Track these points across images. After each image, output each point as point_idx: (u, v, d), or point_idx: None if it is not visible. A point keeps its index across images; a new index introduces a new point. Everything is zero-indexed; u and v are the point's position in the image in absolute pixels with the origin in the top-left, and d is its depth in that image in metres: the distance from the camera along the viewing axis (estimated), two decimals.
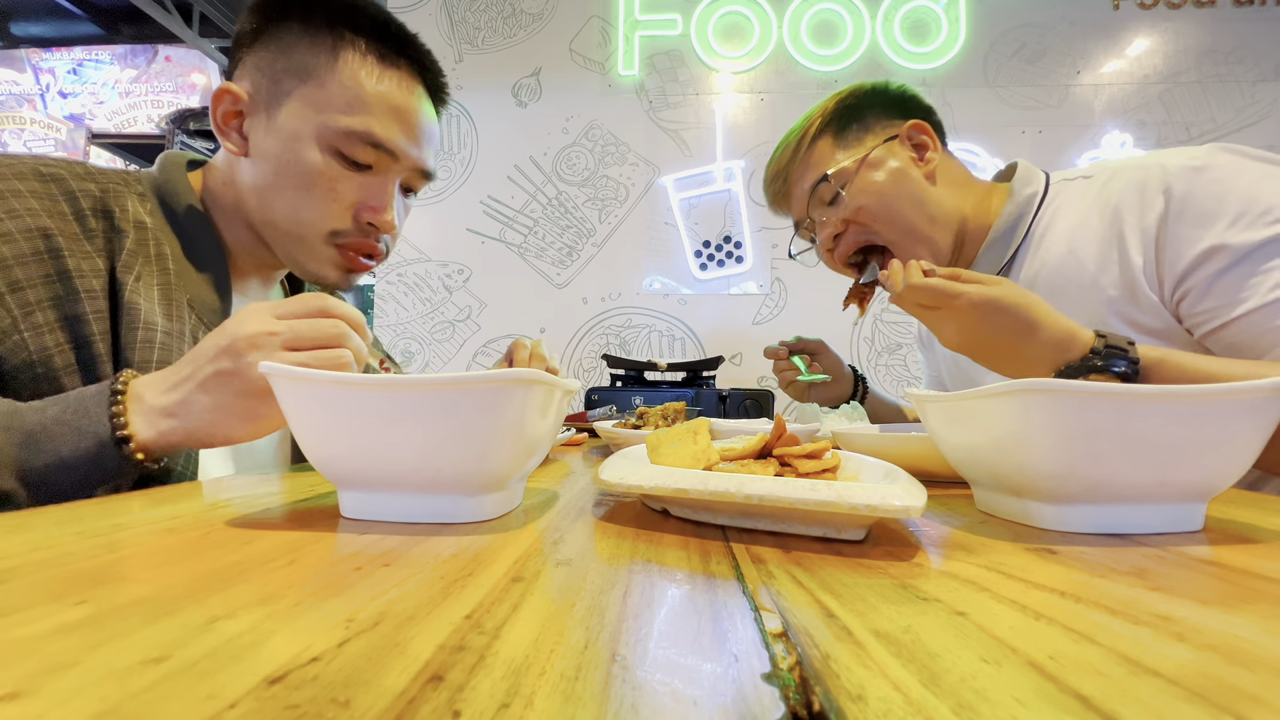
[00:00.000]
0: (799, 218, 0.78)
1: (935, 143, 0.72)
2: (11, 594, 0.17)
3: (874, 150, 0.71)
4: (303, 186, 0.53)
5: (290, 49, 0.53)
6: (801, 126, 0.75)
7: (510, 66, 2.22)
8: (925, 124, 0.72)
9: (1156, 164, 0.60)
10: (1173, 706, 0.12)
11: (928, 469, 0.45)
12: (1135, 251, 0.59)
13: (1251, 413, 0.27)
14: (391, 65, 0.55)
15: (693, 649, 0.15)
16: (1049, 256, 0.66)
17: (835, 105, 0.74)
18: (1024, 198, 0.70)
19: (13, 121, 2.89)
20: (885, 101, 0.74)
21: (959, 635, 0.16)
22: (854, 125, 0.73)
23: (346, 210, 0.55)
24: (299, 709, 0.11)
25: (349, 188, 0.54)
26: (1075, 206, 0.67)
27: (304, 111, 0.53)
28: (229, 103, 0.54)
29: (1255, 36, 2.03)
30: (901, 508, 0.23)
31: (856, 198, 0.70)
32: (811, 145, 0.74)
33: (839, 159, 0.72)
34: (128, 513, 0.30)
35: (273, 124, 0.53)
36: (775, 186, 0.79)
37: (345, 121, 0.53)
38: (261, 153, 0.54)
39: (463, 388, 0.27)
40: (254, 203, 0.55)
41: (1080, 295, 0.63)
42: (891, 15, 2.13)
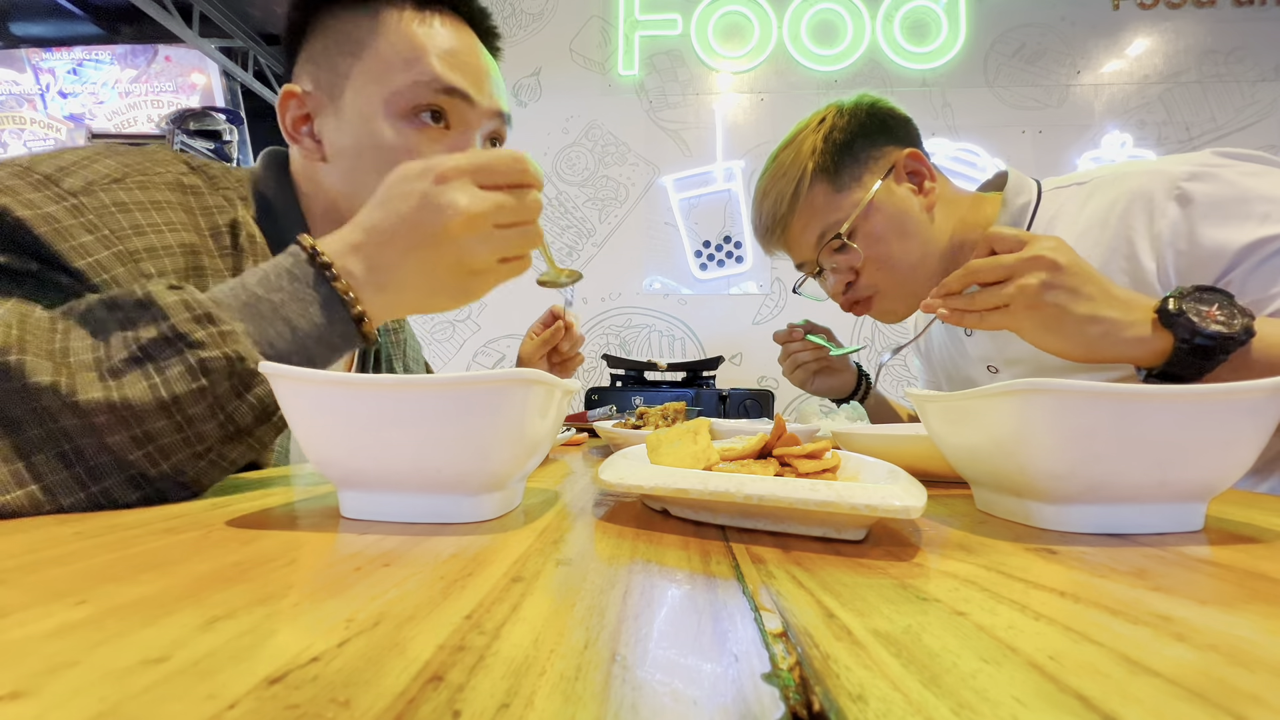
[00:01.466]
0: (804, 261, 0.77)
1: (930, 169, 0.72)
2: (11, 594, 0.17)
3: (877, 193, 0.69)
4: (389, 165, 0.49)
5: (335, 32, 0.52)
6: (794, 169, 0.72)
7: (510, 66, 2.22)
8: (919, 153, 0.71)
9: (1160, 171, 0.60)
10: (1173, 706, 0.12)
11: (928, 469, 0.45)
12: (1146, 258, 0.58)
13: (1251, 413, 0.27)
14: (434, 12, 0.53)
15: (693, 649, 0.15)
16: None
17: (824, 145, 0.71)
18: (1017, 207, 0.70)
19: (13, 121, 2.89)
20: (869, 129, 0.72)
21: (959, 635, 0.16)
22: (847, 162, 0.71)
23: None
24: (299, 709, 0.11)
25: (434, 152, 0.51)
26: (1072, 214, 0.66)
27: (366, 87, 0.51)
28: (295, 106, 0.53)
29: (1255, 36, 2.03)
30: (901, 508, 0.23)
31: (867, 246, 0.70)
32: (810, 192, 0.72)
33: (841, 205, 0.70)
34: (127, 513, 0.30)
35: (341, 115, 0.51)
36: (774, 236, 0.77)
37: (406, 76, 0.50)
38: (339, 150, 0.52)
39: (463, 388, 0.27)
40: (346, 199, 0.52)
41: None
42: (891, 15, 2.13)
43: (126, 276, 0.39)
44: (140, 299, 0.32)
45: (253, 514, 0.30)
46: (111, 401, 0.29)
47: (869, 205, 0.69)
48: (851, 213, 0.69)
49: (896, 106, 0.74)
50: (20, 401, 0.28)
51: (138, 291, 0.32)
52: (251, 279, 0.36)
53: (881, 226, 0.69)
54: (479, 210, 0.38)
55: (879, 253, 0.70)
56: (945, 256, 0.71)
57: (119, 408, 0.29)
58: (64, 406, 0.29)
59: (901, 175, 0.71)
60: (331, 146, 0.52)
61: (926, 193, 0.71)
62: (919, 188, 0.71)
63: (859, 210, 0.69)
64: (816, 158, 0.71)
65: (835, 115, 0.72)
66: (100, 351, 0.31)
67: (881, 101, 0.73)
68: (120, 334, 0.31)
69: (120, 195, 0.41)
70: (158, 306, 0.32)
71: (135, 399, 0.30)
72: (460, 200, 0.37)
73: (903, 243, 0.70)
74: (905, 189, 0.70)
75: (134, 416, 0.30)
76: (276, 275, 0.37)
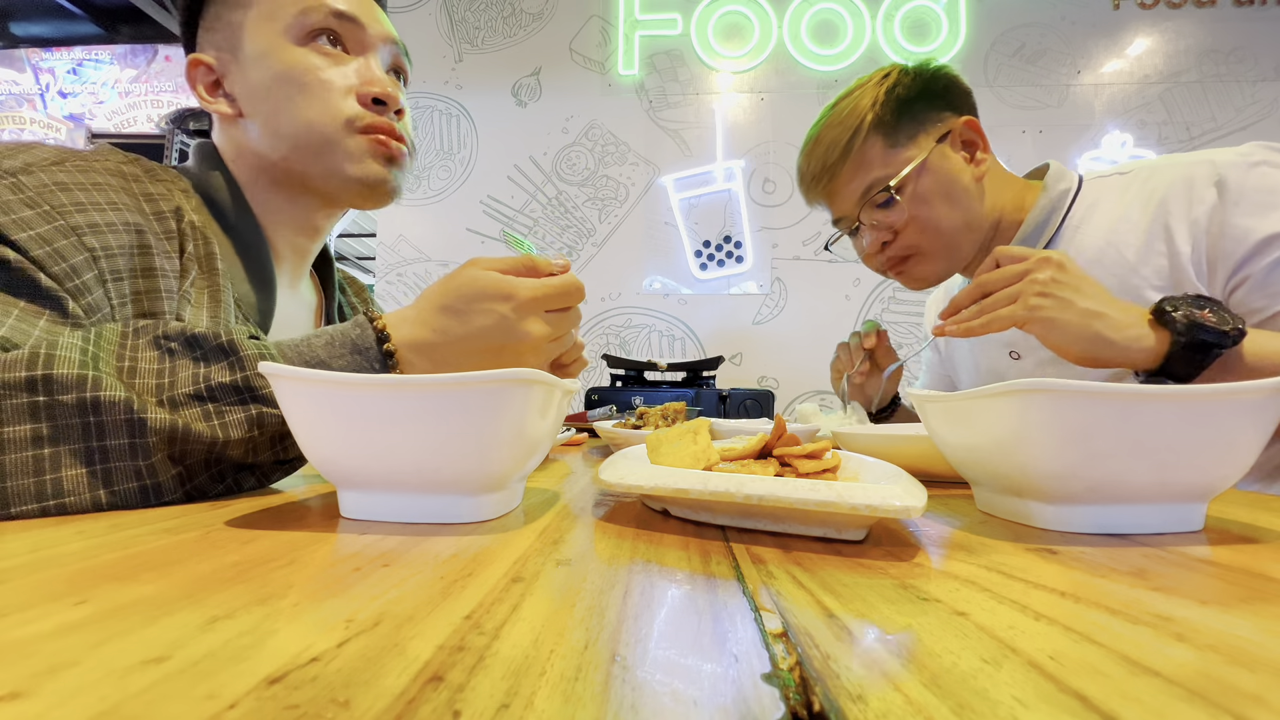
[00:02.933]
0: (843, 215, 0.76)
1: (984, 141, 0.71)
2: (11, 594, 0.17)
3: (931, 153, 0.69)
4: (297, 88, 0.52)
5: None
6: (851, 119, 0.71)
7: (510, 66, 2.22)
8: (976, 121, 0.71)
9: (1204, 160, 0.61)
10: (1173, 706, 0.12)
11: (928, 469, 0.45)
12: (1183, 241, 0.59)
13: (1251, 413, 0.27)
14: None
15: (693, 649, 0.15)
16: (1084, 248, 0.67)
17: (885, 98, 0.70)
18: (1057, 193, 0.70)
19: (13, 121, 2.89)
20: (933, 92, 0.70)
21: (959, 635, 0.16)
22: (905, 121, 0.69)
23: (347, 95, 0.54)
24: (299, 709, 0.11)
25: (336, 74, 0.53)
26: (1113, 201, 0.67)
27: (260, 28, 0.53)
28: (204, 74, 0.54)
29: (1255, 36, 2.03)
30: (901, 508, 0.23)
31: (912, 205, 0.69)
32: (864, 144, 0.70)
33: (893, 161, 0.70)
34: (128, 513, 0.30)
35: (244, 63, 0.53)
36: (820, 184, 0.75)
37: (296, 7, 0.53)
38: (251, 95, 0.53)
39: (463, 388, 0.27)
40: (270, 144, 0.54)
41: (1118, 286, 0.63)
42: (892, 15, 2.13)
43: (70, 249, 0.40)
44: (223, 343, 0.35)
45: (253, 514, 0.30)
46: (176, 427, 0.32)
47: (921, 165, 0.68)
48: (902, 170, 0.68)
49: (960, 76, 0.73)
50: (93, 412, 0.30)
51: (221, 335, 0.35)
52: (318, 341, 0.39)
53: (930, 188, 0.69)
54: (549, 335, 0.43)
55: (923, 214, 0.69)
56: (985, 229, 0.71)
57: (178, 435, 0.32)
58: (129, 422, 0.31)
59: (956, 142, 0.70)
60: (244, 97, 0.53)
61: (977, 163, 0.70)
62: (971, 157, 0.71)
63: (910, 168, 0.68)
64: (876, 110, 0.70)
65: (900, 73, 0.71)
66: (164, 379, 0.33)
67: (946, 67, 0.73)
68: (192, 369, 0.34)
69: (60, 176, 0.42)
70: (239, 355, 0.34)
71: (194, 432, 0.32)
72: (536, 331, 0.42)
73: (949, 207, 0.69)
74: (958, 156, 0.70)
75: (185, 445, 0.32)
76: (342, 343, 0.39)
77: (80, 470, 0.30)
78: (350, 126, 0.53)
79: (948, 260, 0.73)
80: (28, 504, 0.29)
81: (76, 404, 0.30)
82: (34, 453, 0.29)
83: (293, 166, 0.54)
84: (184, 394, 0.33)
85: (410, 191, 2.19)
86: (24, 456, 0.29)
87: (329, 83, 0.53)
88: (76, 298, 0.39)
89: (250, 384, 0.34)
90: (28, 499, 0.29)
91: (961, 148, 0.71)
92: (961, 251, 0.72)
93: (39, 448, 0.30)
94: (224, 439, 0.33)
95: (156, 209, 0.48)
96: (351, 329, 0.40)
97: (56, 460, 0.30)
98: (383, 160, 0.55)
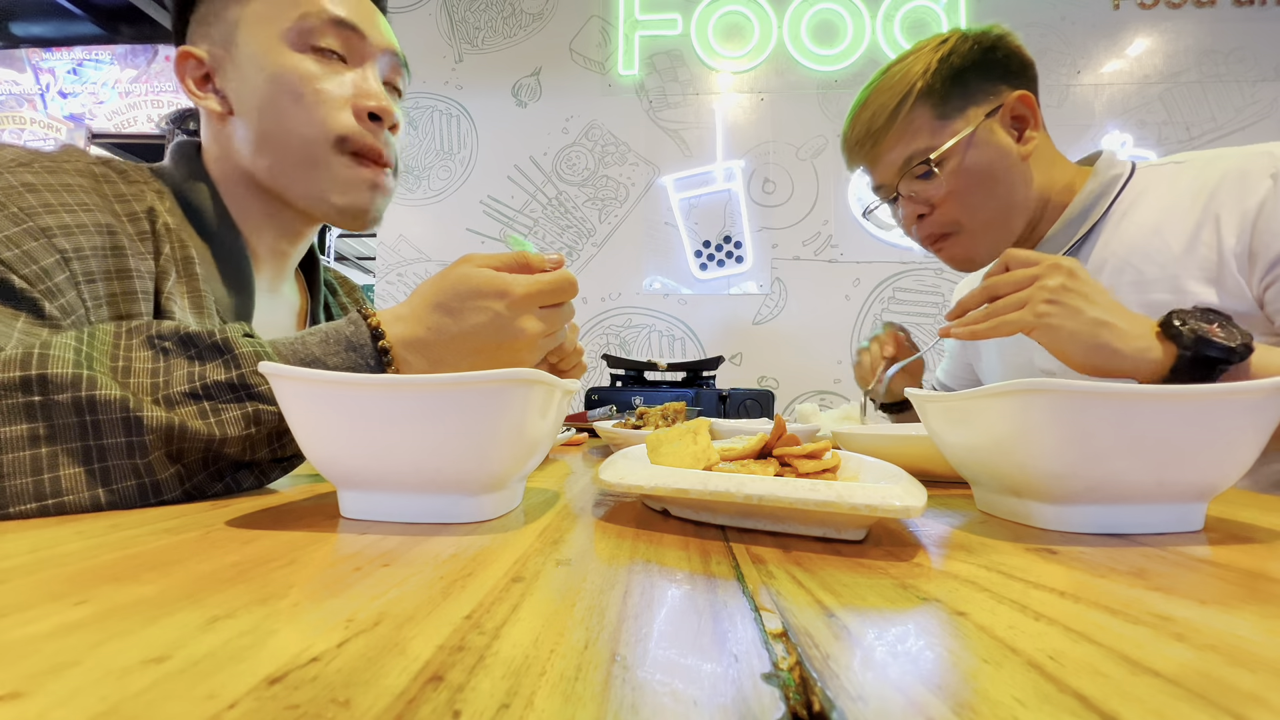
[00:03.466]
0: (883, 184, 0.74)
1: (1037, 118, 0.68)
2: (11, 594, 0.17)
3: (978, 128, 0.66)
4: (291, 97, 0.50)
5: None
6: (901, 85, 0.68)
7: (510, 66, 2.22)
8: (1031, 97, 0.67)
9: (1264, 152, 0.60)
10: (1173, 706, 0.12)
11: (928, 469, 0.45)
12: (1230, 233, 0.58)
13: (1251, 413, 0.27)
14: None
15: (693, 649, 0.15)
16: (1129, 235, 0.65)
17: (938, 66, 0.67)
18: (1108, 178, 0.68)
19: (13, 121, 2.89)
20: (990, 63, 0.67)
21: (959, 635, 0.16)
22: (956, 91, 0.67)
23: (343, 108, 0.52)
24: (299, 709, 0.11)
25: (333, 85, 0.52)
26: (1163, 189, 0.65)
27: (258, 28, 0.51)
28: (194, 67, 0.52)
29: (1255, 36, 2.03)
30: (901, 508, 0.23)
31: (952, 181, 0.67)
32: (911, 112, 0.68)
33: (939, 132, 0.67)
34: (128, 513, 0.30)
35: (238, 62, 0.51)
36: (863, 150, 0.73)
37: (295, 10, 0.51)
38: (243, 98, 0.52)
39: (463, 388, 0.27)
40: (256, 151, 0.52)
41: (1160, 275, 0.62)
42: (892, 15, 2.13)
43: (40, 251, 0.39)
44: (217, 341, 0.35)
45: (253, 514, 0.30)
46: (173, 425, 0.32)
47: (965, 140, 0.66)
48: (946, 142, 0.67)
49: (1023, 46, 0.70)
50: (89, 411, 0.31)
51: (215, 333, 0.35)
52: (313, 339, 0.39)
53: (972, 164, 0.67)
54: (544, 332, 0.43)
55: (961, 189, 0.68)
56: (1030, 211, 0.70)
57: (175, 433, 0.32)
58: (125, 421, 0.31)
59: (1006, 117, 0.67)
60: (236, 96, 0.52)
61: (1025, 141, 0.68)
62: (1020, 135, 0.68)
63: (953, 142, 0.66)
64: (927, 78, 0.67)
65: (958, 40, 0.68)
66: (159, 378, 0.33)
67: (1010, 37, 0.69)
68: (187, 368, 0.34)
69: (27, 177, 0.41)
70: (233, 354, 0.35)
71: (191, 429, 0.32)
72: (531, 327, 0.42)
73: (989, 186, 0.67)
74: (1006, 133, 0.67)
75: (182, 442, 0.32)
76: (336, 340, 0.39)
77: (78, 469, 0.30)
78: (341, 146, 0.52)
79: (989, 241, 0.70)
80: (26, 503, 0.29)
81: (72, 403, 0.30)
82: (31, 452, 0.29)
83: (276, 179, 0.53)
84: (179, 392, 0.33)
85: (410, 191, 2.19)
86: (21, 456, 0.29)
87: (324, 93, 0.51)
88: (50, 299, 0.39)
89: (246, 381, 0.34)
90: (26, 498, 0.29)
91: (1011, 124, 0.68)
92: (1004, 233, 0.70)
93: (36, 447, 0.30)
94: (220, 436, 0.33)
95: (129, 210, 0.47)
96: (345, 326, 0.40)
97: (54, 459, 0.30)
98: (368, 189, 0.54)
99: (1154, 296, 0.62)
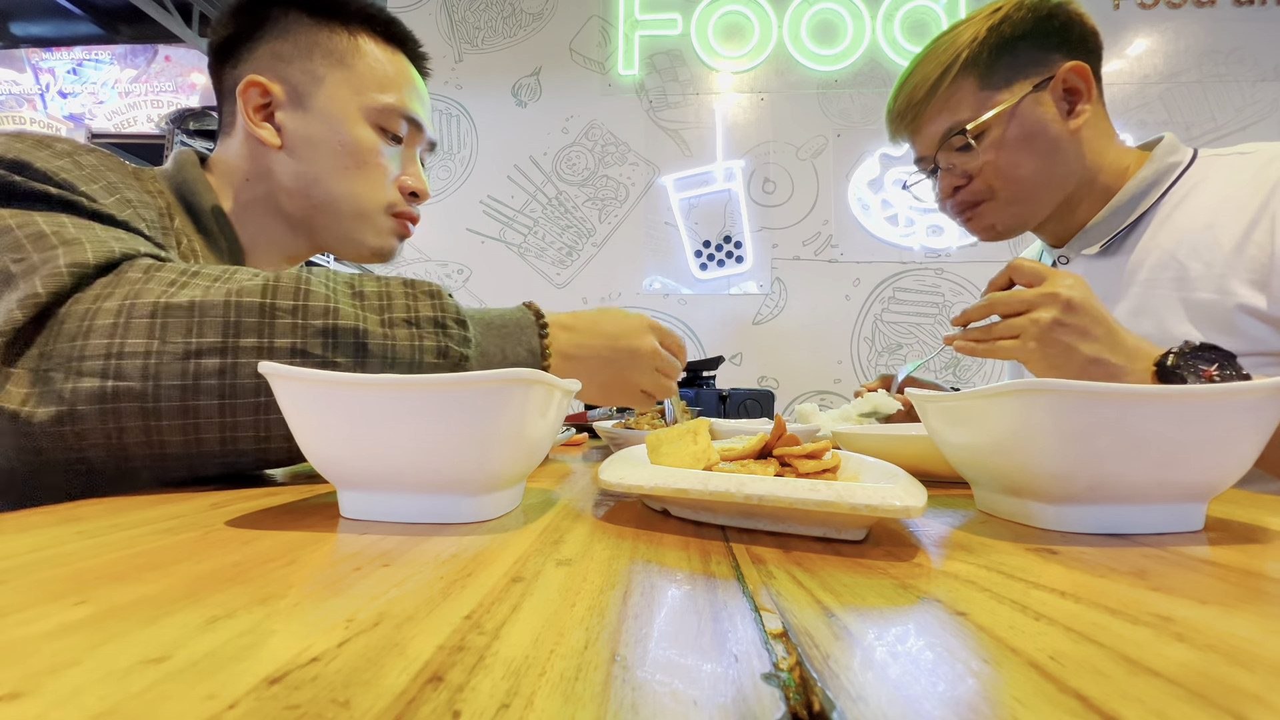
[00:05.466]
0: (923, 155, 0.71)
1: (1090, 91, 0.64)
2: (11, 594, 0.17)
3: (1022, 101, 0.63)
4: (357, 164, 0.57)
5: (308, 40, 0.57)
6: (946, 55, 0.65)
7: (510, 66, 2.22)
8: (1086, 67, 0.63)
9: None
10: (1173, 706, 0.12)
11: (928, 469, 0.45)
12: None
13: (1251, 413, 0.27)
14: (396, 48, 0.62)
15: (693, 649, 0.15)
16: (1179, 227, 0.63)
17: (987, 35, 0.64)
18: (1165, 165, 0.65)
19: (13, 121, 2.89)
20: (1045, 31, 0.63)
21: (959, 635, 0.16)
22: (1004, 61, 0.63)
23: (393, 184, 0.61)
24: (299, 709, 0.11)
25: (390, 162, 0.60)
26: (1221, 180, 0.62)
27: (343, 94, 0.57)
28: (258, 95, 0.56)
29: (1255, 36, 2.03)
30: (901, 508, 0.23)
31: (989, 153, 0.65)
32: (955, 83, 0.65)
33: (982, 104, 0.64)
34: (128, 512, 0.30)
35: (312, 112, 0.56)
36: (905, 121, 0.70)
37: (384, 99, 0.58)
38: (303, 141, 0.56)
39: (463, 388, 0.27)
40: (300, 187, 0.57)
41: (1205, 273, 0.59)
42: (891, 15, 2.13)
43: (133, 217, 0.43)
44: (432, 289, 0.42)
45: (253, 514, 0.30)
46: (388, 344, 0.38)
47: (1008, 112, 0.63)
48: (986, 115, 0.64)
49: (1086, 15, 0.65)
50: (337, 331, 0.37)
51: (432, 284, 0.43)
52: (492, 313, 0.46)
53: (1014, 136, 0.64)
54: (656, 351, 0.55)
55: (1000, 161, 0.65)
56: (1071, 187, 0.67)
57: (387, 352, 0.38)
58: (358, 339, 0.38)
59: (1058, 89, 0.64)
60: (293, 136, 0.57)
61: (1076, 114, 0.64)
62: (1071, 108, 0.64)
63: (993, 113, 0.63)
64: (973, 49, 0.64)
65: (1013, 7, 0.64)
66: (383, 300, 0.40)
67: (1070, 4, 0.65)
68: (404, 303, 0.40)
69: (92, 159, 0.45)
70: (440, 299, 0.42)
71: (400, 347, 0.39)
72: (651, 341, 0.54)
73: (1030, 159, 0.65)
74: (1054, 105, 0.64)
75: (394, 360, 0.39)
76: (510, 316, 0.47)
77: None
78: (388, 210, 0.61)
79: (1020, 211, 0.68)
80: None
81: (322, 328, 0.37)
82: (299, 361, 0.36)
83: (314, 218, 0.59)
84: (398, 318, 0.39)
85: None
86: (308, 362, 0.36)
87: (383, 168, 0.59)
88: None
89: (443, 321, 0.41)
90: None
91: (1063, 96, 0.64)
92: (1032, 207, 0.68)
93: (294, 358, 0.36)
94: (418, 359, 0.39)
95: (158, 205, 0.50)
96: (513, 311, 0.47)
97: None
98: (398, 238, 0.63)
99: (1197, 295, 0.59)
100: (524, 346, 0.46)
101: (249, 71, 0.56)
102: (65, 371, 0.32)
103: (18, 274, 0.34)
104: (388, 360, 0.38)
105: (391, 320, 0.39)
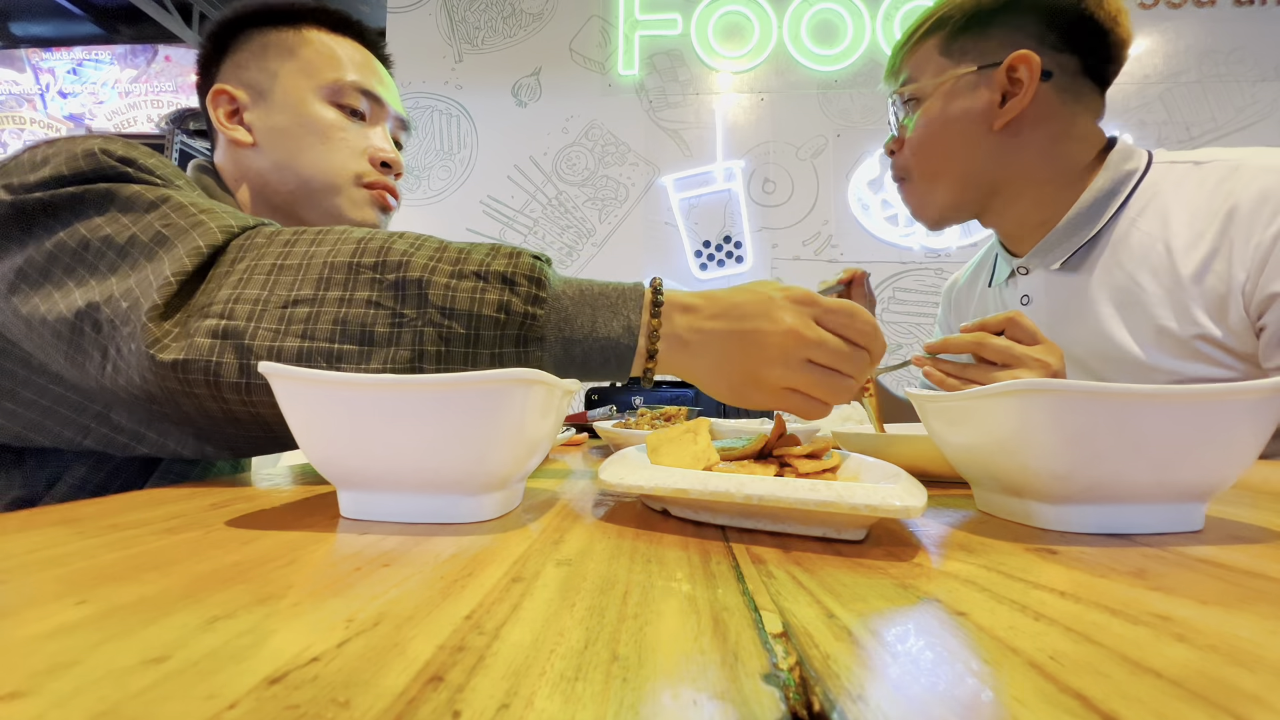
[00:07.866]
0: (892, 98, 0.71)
1: (1032, 87, 0.61)
2: (11, 594, 0.17)
3: (961, 80, 0.62)
4: (321, 139, 0.60)
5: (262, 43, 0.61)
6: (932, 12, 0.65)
7: (510, 66, 2.22)
8: (1032, 58, 0.60)
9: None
10: (1173, 706, 0.12)
11: (928, 469, 0.45)
12: (1239, 266, 0.54)
13: (1251, 413, 0.27)
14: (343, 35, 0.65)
15: (693, 649, 0.15)
16: (1140, 247, 0.61)
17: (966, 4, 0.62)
18: (1121, 173, 0.63)
19: (13, 121, 2.89)
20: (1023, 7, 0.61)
21: (959, 635, 0.16)
22: (971, 33, 0.62)
23: (361, 156, 0.62)
24: (299, 709, 0.11)
25: (356, 136, 0.62)
26: (1180, 196, 0.60)
27: (297, 82, 0.61)
28: (225, 102, 0.61)
29: (1255, 36, 2.03)
30: (901, 508, 0.23)
31: (916, 126, 0.65)
32: (921, 42, 0.65)
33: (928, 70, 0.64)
34: (127, 512, 0.30)
35: (272, 105, 0.60)
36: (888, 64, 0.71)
37: (334, 75, 0.61)
38: (270, 132, 0.60)
39: (463, 388, 0.27)
40: (278, 177, 0.60)
41: (1166, 298, 0.58)
42: (892, 15, 2.13)
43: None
44: (517, 250, 0.39)
45: (253, 514, 0.30)
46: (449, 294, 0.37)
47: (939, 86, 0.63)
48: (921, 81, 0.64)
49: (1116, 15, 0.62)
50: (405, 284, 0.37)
51: (527, 250, 0.40)
52: (600, 284, 0.41)
53: (937, 115, 0.63)
54: (800, 335, 0.39)
55: (917, 138, 0.65)
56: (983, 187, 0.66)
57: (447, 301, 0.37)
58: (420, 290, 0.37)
59: (1002, 76, 0.61)
60: (262, 131, 0.60)
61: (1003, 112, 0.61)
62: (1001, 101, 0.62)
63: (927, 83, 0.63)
64: (947, 9, 0.64)
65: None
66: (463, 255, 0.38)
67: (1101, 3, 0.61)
68: (481, 259, 0.39)
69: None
70: (518, 258, 0.39)
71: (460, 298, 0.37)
72: (789, 319, 0.39)
73: (944, 144, 0.64)
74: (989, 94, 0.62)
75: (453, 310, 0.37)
76: (618, 288, 0.41)
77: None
78: (357, 181, 0.62)
79: (933, 202, 0.68)
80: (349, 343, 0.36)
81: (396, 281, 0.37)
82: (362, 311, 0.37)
83: (296, 199, 0.61)
84: (468, 269, 0.38)
85: (410, 192, 2.19)
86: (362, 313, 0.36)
87: (347, 141, 0.62)
88: None
89: (511, 277, 0.38)
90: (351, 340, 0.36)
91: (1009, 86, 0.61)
92: (950, 199, 0.67)
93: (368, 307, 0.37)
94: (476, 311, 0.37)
95: None
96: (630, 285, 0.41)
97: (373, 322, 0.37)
98: (378, 209, 0.64)
99: (1159, 321, 0.59)
100: (620, 322, 0.39)
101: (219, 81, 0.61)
102: (200, 317, 0.36)
103: (171, 236, 0.39)
104: (446, 311, 0.37)
105: (461, 273, 0.38)
